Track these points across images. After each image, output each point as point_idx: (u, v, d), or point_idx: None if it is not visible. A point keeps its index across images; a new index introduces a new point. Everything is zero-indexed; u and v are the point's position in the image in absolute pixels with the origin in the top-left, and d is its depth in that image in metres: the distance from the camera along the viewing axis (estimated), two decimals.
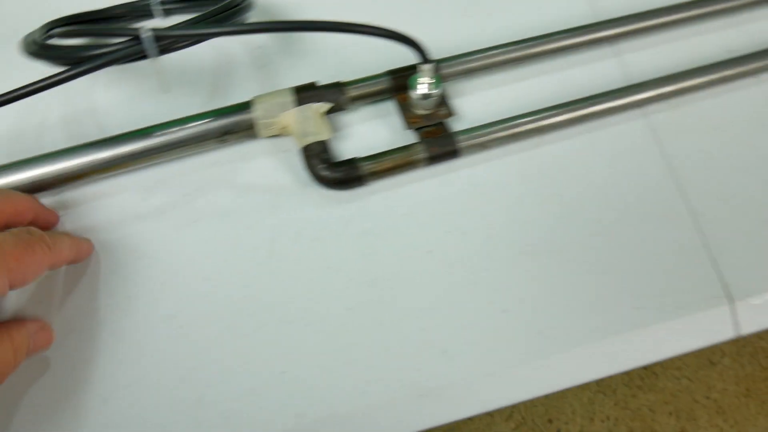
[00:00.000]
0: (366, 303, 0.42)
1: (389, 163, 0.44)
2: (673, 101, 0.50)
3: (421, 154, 0.45)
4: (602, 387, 1.12)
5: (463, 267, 0.44)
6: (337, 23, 0.40)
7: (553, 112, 0.47)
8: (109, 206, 0.45)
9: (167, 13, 0.51)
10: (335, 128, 0.48)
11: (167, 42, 0.40)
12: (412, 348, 0.41)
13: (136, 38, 0.39)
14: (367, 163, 0.44)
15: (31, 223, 0.40)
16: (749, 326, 0.45)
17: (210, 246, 0.44)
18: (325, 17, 0.48)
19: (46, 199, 0.45)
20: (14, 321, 0.39)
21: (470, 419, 1.12)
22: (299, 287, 0.43)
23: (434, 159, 0.45)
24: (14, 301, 0.42)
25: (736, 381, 1.13)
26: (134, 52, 0.39)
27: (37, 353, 0.40)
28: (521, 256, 0.44)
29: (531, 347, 0.42)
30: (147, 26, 0.39)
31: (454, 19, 0.53)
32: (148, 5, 0.50)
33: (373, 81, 0.47)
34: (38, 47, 0.41)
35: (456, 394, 0.41)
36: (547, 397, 1.10)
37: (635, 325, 0.43)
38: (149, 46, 0.39)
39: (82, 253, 0.42)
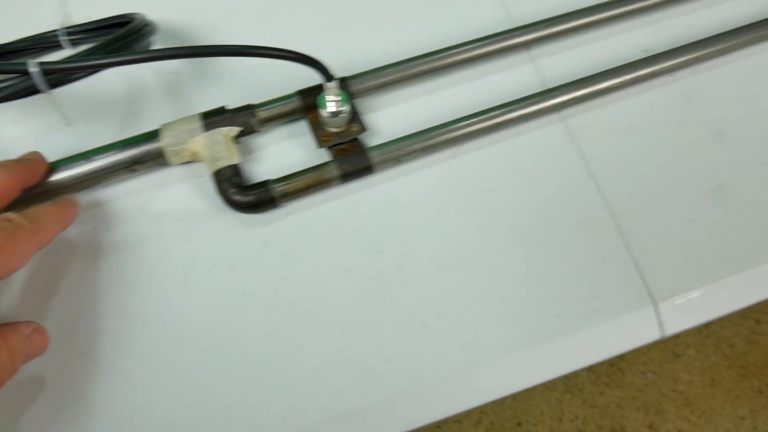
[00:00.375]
0: (284, 326, 0.42)
1: (302, 184, 0.44)
2: (590, 103, 0.50)
3: (334, 172, 0.44)
4: (569, 386, 1.12)
5: (381, 284, 0.43)
6: (235, 47, 0.40)
7: (468, 121, 0.47)
8: None
9: (74, 44, 0.50)
10: (247, 151, 0.47)
11: (57, 75, 0.39)
12: (332, 369, 0.41)
13: (24, 73, 0.38)
14: (279, 184, 0.44)
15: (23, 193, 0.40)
16: (674, 326, 0.45)
17: (123, 279, 0.43)
18: (232, 40, 0.48)
19: None
20: (6, 324, 0.37)
21: (438, 426, 1.11)
22: (216, 315, 0.42)
23: (348, 176, 0.45)
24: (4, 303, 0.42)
25: (701, 371, 1.14)
26: (24, 87, 0.38)
27: (32, 358, 0.39)
28: (439, 270, 0.44)
29: (454, 361, 0.42)
30: (34, 60, 0.38)
31: (367, 32, 0.53)
32: (55, 37, 0.49)
33: (283, 102, 0.47)
34: None
35: (378, 414, 0.41)
36: (514, 399, 1.10)
37: (559, 332, 0.43)
38: (39, 80, 0.38)
39: (68, 219, 0.41)
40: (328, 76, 0.42)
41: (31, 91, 0.39)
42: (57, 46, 0.50)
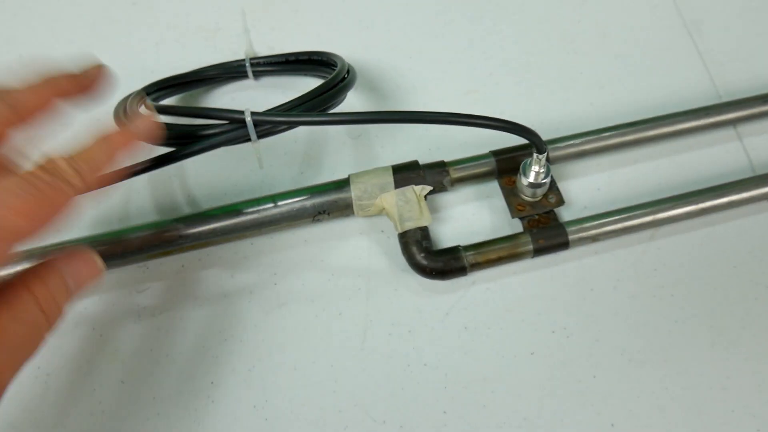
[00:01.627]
0: (464, 406, 0.39)
1: (494, 255, 0.41)
2: None
3: (528, 246, 0.42)
4: None
5: (568, 372, 0.40)
6: (449, 115, 0.37)
7: (672, 203, 0.43)
8: (195, 281, 0.43)
9: (257, 75, 0.49)
10: (433, 208, 0.45)
11: (267, 127, 0.38)
12: None
13: (241, 123, 0.37)
14: (470, 253, 0.41)
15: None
16: None
17: (299, 331, 0.42)
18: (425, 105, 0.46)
19: (133, 268, 0.43)
20: (42, 265, 0.30)
21: None
22: (393, 384, 0.40)
23: (542, 251, 0.42)
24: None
25: None
26: (238, 135, 0.37)
27: (82, 290, 0.32)
28: (632, 364, 0.41)
29: None
30: (248, 111, 0.37)
31: (561, 91, 0.50)
32: (243, 66, 0.48)
33: (477, 162, 0.44)
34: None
35: None
36: None
37: None
38: (251, 130, 0.37)
39: (125, 149, 0.31)
40: (541, 147, 0.39)
41: (244, 139, 0.37)
42: (242, 75, 0.49)
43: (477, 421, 0.39)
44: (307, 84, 0.50)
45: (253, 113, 0.37)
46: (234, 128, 0.37)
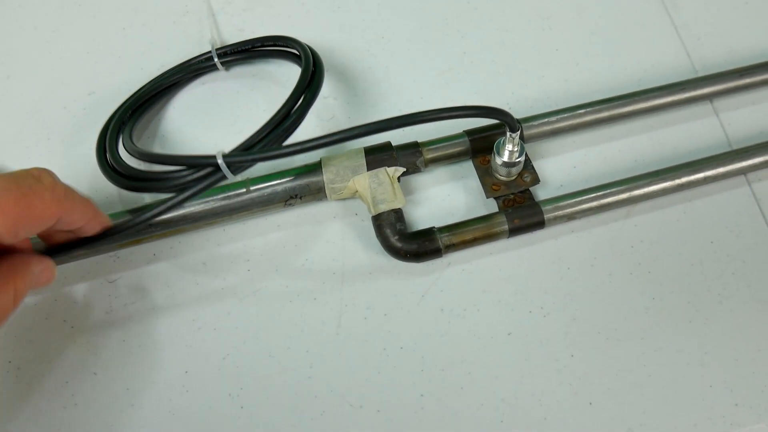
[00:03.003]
0: (441, 389, 0.39)
1: (469, 236, 0.41)
2: None
3: (504, 226, 0.41)
4: None
5: (545, 352, 0.40)
6: (420, 114, 0.36)
7: (648, 180, 0.43)
8: (167, 270, 0.43)
9: (227, 65, 0.48)
10: (407, 191, 0.44)
11: (239, 167, 0.38)
12: None
13: (214, 166, 0.37)
14: (444, 234, 0.41)
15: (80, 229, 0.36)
16: None
17: (273, 318, 0.41)
18: (386, 65, 0.45)
19: (103, 258, 0.42)
20: (19, 258, 0.34)
21: None
22: (369, 368, 0.40)
23: (517, 231, 0.41)
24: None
25: None
26: (217, 179, 0.38)
27: (34, 289, 0.36)
28: (608, 342, 0.40)
29: None
30: (219, 153, 0.37)
31: (536, 68, 0.49)
32: (211, 59, 0.47)
33: (451, 142, 0.44)
34: (123, 175, 0.41)
35: None
36: None
37: (736, 424, 0.39)
38: (225, 171, 0.37)
39: (94, 224, 0.36)
40: (514, 126, 0.39)
41: (221, 180, 0.38)
42: (210, 69, 0.48)
43: (455, 403, 0.39)
44: (278, 69, 0.49)
45: (224, 156, 0.37)
46: (211, 172, 0.38)
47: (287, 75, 0.49)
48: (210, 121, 0.47)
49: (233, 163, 0.37)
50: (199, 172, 0.38)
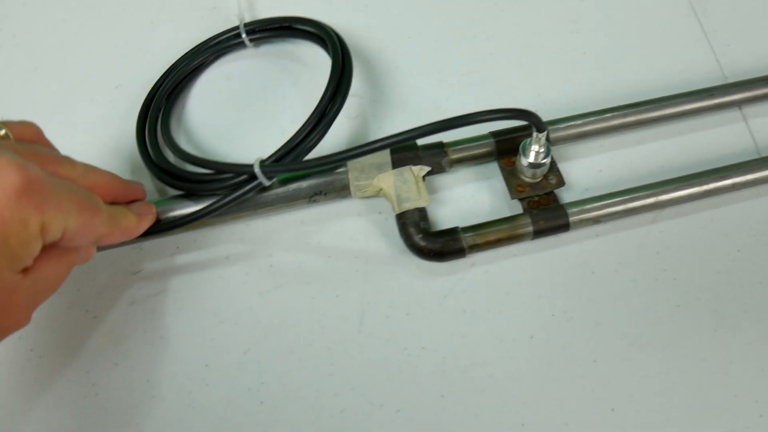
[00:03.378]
0: (461, 390, 0.39)
1: (493, 236, 0.41)
2: None
3: (528, 228, 0.41)
4: None
5: (568, 356, 0.40)
6: (454, 119, 0.36)
7: (676, 185, 0.42)
8: (190, 263, 0.43)
9: (255, 43, 0.49)
10: (431, 190, 0.44)
11: (273, 174, 0.40)
12: None
13: (251, 175, 0.39)
14: (468, 234, 0.41)
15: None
16: None
17: (295, 314, 0.41)
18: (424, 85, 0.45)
19: (127, 249, 0.43)
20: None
21: None
22: (390, 367, 0.39)
23: (542, 233, 0.41)
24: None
25: None
26: (255, 186, 0.40)
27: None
28: (632, 348, 0.40)
29: None
30: (257, 162, 0.39)
31: (562, 71, 0.49)
32: (239, 35, 0.48)
33: (476, 143, 0.43)
34: (166, 172, 0.43)
35: None
36: None
37: None
38: (261, 178, 0.39)
39: (140, 226, 0.38)
40: (540, 127, 0.39)
41: (259, 189, 0.40)
42: (240, 45, 0.49)
43: (475, 405, 0.39)
44: (307, 51, 0.49)
45: (261, 165, 0.39)
46: (248, 180, 0.40)
47: (316, 58, 0.49)
48: (240, 102, 0.48)
49: (269, 172, 0.39)
50: (237, 179, 0.40)
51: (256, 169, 0.38)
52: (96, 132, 0.48)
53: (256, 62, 0.50)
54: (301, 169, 0.39)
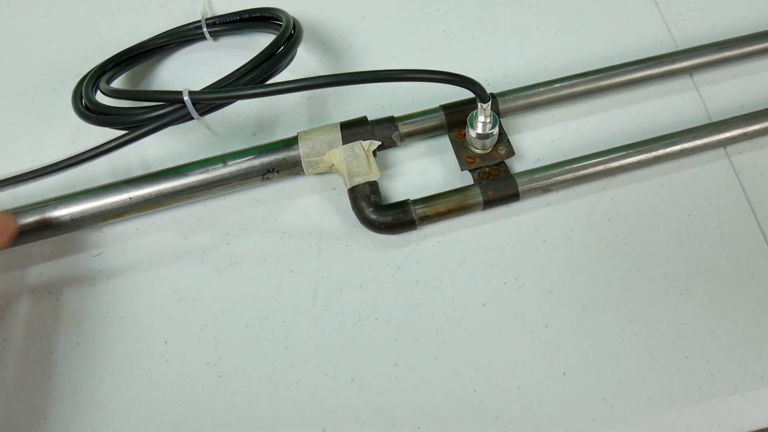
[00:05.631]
0: (415, 358, 0.39)
1: (443, 207, 0.41)
2: (761, 140, 0.45)
3: (478, 198, 0.41)
4: None
5: (520, 323, 0.40)
6: (390, 72, 0.37)
7: (625, 152, 0.43)
8: (149, 245, 0.43)
9: (215, 35, 0.49)
10: (383, 165, 0.45)
11: (206, 105, 0.39)
12: (464, 410, 0.38)
13: (179, 102, 0.38)
14: (419, 206, 0.41)
15: None
16: None
17: (251, 290, 0.42)
18: (370, 44, 0.46)
19: (88, 232, 0.43)
20: None
21: None
22: (344, 338, 0.40)
23: (492, 203, 0.42)
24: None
25: None
26: (180, 116, 0.38)
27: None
28: (583, 312, 0.40)
29: (594, 414, 0.38)
30: (185, 90, 0.38)
31: (516, 45, 0.49)
32: (200, 28, 0.48)
33: (426, 116, 0.44)
34: (92, 111, 0.41)
35: None
36: None
37: (712, 395, 0.39)
38: (191, 109, 0.38)
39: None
40: (484, 97, 0.39)
41: (187, 118, 0.38)
42: (198, 38, 0.49)
43: (428, 372, 0.39)
44: (265, 41, 0.50)
45: (191, 92, 0.38)
46: (175, 108, 0.38)
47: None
48: (195, 85, 0.48)
49: (200, 100, 0.38)
50: (164, 109, 0.39)
51: (185, 97, 0.38)
52: (59, 121, 0.48)
53: (215, 52, 0.50)
54: (231, 97, 0.38)
